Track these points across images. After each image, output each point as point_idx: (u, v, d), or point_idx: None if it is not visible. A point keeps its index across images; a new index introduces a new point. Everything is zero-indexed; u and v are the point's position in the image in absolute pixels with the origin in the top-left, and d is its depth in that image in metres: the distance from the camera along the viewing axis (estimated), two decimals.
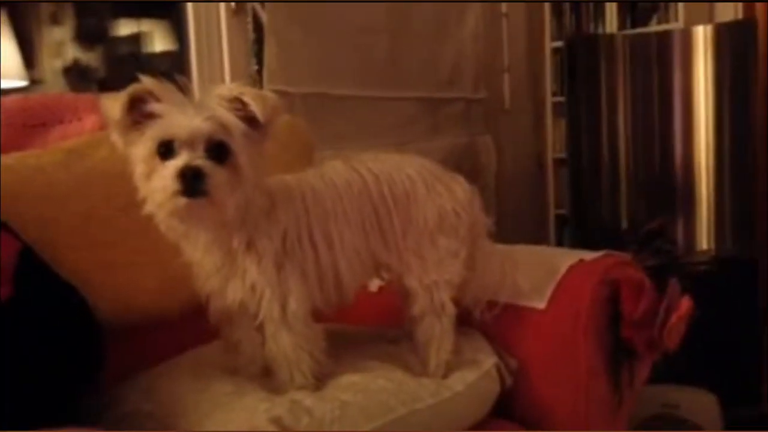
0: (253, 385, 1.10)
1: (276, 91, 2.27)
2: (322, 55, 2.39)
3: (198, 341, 1.29)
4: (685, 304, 1.23)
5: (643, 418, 2.08)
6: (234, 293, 1.07)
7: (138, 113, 0.98)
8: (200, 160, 0.95)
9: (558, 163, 3.27)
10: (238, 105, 0.99)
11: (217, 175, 0.96)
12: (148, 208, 1.00)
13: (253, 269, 1.05)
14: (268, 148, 1.04)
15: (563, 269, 1.28)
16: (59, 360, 1.04)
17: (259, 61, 2.25)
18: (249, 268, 1.05)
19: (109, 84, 2.95)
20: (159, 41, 3.17)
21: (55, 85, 2.92)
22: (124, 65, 3.10)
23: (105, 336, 1.16)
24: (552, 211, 3.27)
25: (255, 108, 0.98)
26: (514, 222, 2.88)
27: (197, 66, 2.23)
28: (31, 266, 1.11)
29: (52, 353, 1.03)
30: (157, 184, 0.96)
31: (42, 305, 1.07)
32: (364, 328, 1.35)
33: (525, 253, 1.35)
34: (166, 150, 0.97)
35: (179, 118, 0.96)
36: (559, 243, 3.20)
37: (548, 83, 3.24)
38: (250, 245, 1.05)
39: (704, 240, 2.63)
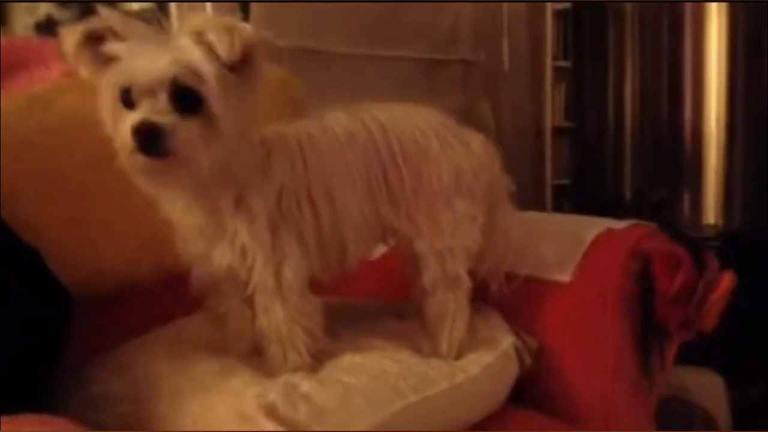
0: (241, 364, 0.96)
1: None
2: (312, 6, 2.24)
3: (177, 312, 1.15)
4: (727, 280, 1.11)
5: None
6: (221, 257, 0.92)
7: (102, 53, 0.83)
8: (160, 114, 0.81)
9: (557, 130, 3.13)
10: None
11: (182, 130, 0.81)
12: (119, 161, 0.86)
13: (244, 231, 0.91)
14: (255, 92, 0.88)
15: (589, 239, 1.15)
16: (20, 334, 0.92)
17: (245, 11, 2.09)
18: (239, 229, 0.91)
19: None
20: None
21: None
22: None
23: (72, 306, 1.03)
24: (549, 181, 3.14)
25: (218, 45, 0.81)
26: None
27: (178, 19, 2.07)
28: None
29: (11, 326, 0.90)
30: (119, 139, 0.83)
31: (2, 270, 0.93)
32: (365, 301, 1.22)
33: (547, 220, 1.21)
34: (127, 98, 0.82)
35: (140, 61, 0.81)
36: (558, 213, 3.08)
37: (549, 47, 3.09)
38: (239, 204, 0.91)
39: (711, 213, 2.52)
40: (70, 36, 0.83)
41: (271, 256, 0.92)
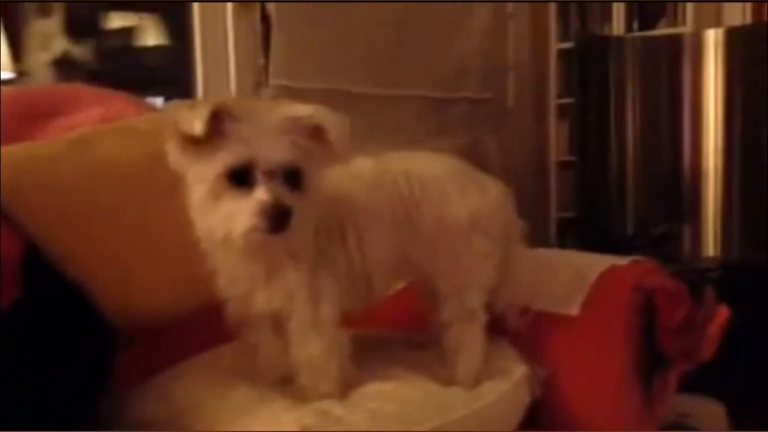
0: (275, 392, 1.04)
1: (281, 87, 2.24)
2: (329, 49, 2.35)
3: (209, 342, 1.23)
4: (723, 313, 1.19)
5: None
6: (268, 299, 1.01)
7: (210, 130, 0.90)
8: (281, 194, 0.90)
9: (561, 165, 3.24)
10: (313, 130, 0.94)
11: (297, 208, 0.91)
12: (211, 235, 0.94)
13: (292, 275, 1.00)
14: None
15: (595, 275, 1.24)
16: (69, 365, 0.99)
17: (266, 55, 2.20)
18: (289, 274, 1.00)
19: (98, 78, 2.89)
20: (150, 35, 3.11)
21: (42, 78, 2.86)
22: (115, 59, 3.04)
23: (115, 338, 1.11)
24: (554, 214, 3.24)
25: (334, 137, 0.93)
26: None
27: (202, 61, 2.18)
28: (36, 264, 1.05)
29: (60, 359, 0.98)
30: (234, 217, 0.90)
31: (49, 307, 1.01)
32: (386, 332, 1.30)
33: (555, 257, 1.30)
34: (240, 176, 0.90)
35: (261, 144, 0.90)
36: (562, 246, 3.16)
37: (552, 84, 3.20)
38: (293, 253, 1.00)
39: (711, 246, 2.60)
40: (195, 113, 0.88)
41: (311, 293, 1.00)
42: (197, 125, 0.87)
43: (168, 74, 3.02)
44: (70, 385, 1.00)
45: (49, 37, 2.93)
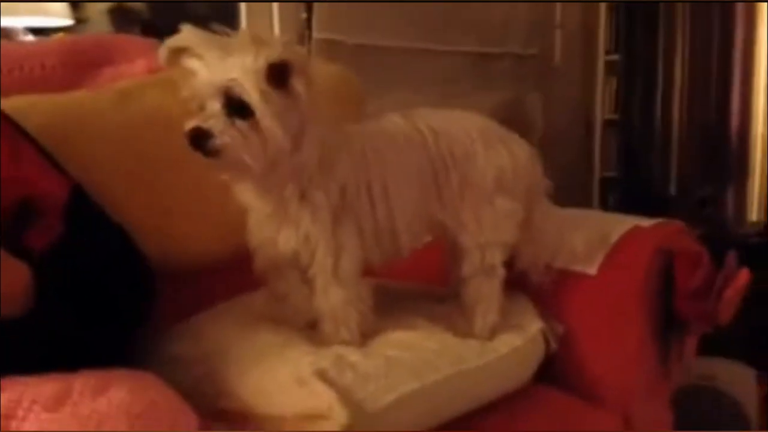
0: (299, 337, 1.10)
1: (324, 40, 2.26)
2: (373, 3, 2.35)
3: (245, 289, 1.28)
4: (743, 277, 1.20)
5: (678, 390, 2.05)
6: (287, 242, 1.06)
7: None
8: (212, 119, 0.94)
9: (606, 123, 3.19)
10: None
11: (228, 133, 0.94)
12: None
13: (307, 220, 1.04)
14: (313, 98, 0.98)
15: (617, 235, 1.25)
16: (108, 302, 1.04)
17: (309, 9, 2.21)
18: (303, 218, 1.04)
19: (153, 25, 2.95)
20: None
21: (100, 25, 2.93)
22: (167, 7, 3.09)
23: (154, 278, 1.16)
24: (597, 173, 3.20)
25: (247, 60, 0.93)
26: (558, 182, 2.81)
27: (246, 12, 2.20)
28: (83, 205, 1.10)
29: (100, 295, 1.03)
30: None
31: (94, 245, 1.06)
32: (408, 284, 1.34)
33: (578, 216, 1.32)
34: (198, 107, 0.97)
35: (201, 75, 0.96)
36: (604, 206, 3.14)
37: (601, 41, 3.13)
38: (303, 196, 1.04)
39: (755, 211, 2.55)
40: (162, 51, 0.99)
41: (331, 244, 1.05)
42: (161, 58, 0.99)
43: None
44: (110, 322, 1.05)
45: None
